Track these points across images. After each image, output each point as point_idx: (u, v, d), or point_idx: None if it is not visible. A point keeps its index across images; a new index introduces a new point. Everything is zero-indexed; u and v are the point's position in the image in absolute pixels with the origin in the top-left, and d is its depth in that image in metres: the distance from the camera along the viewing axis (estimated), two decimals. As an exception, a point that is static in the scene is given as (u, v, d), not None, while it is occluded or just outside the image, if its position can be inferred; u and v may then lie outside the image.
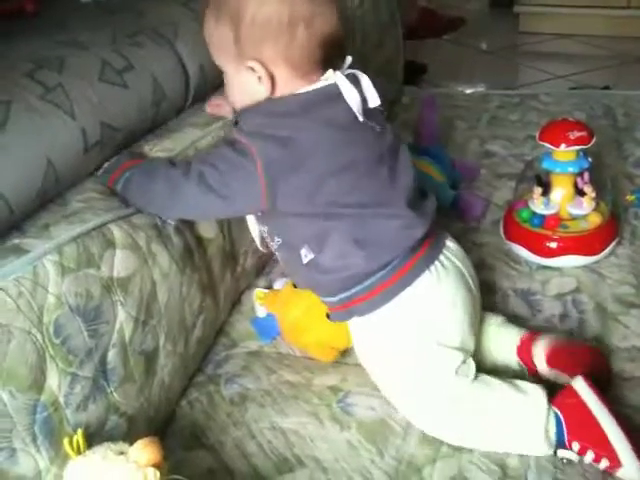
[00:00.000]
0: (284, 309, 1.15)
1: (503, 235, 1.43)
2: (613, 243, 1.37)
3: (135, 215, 0.96)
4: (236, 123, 0.99)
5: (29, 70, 0.94)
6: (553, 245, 1.35)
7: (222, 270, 1.20)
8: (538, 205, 1.37)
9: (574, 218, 1.36)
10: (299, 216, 0.96)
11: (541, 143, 1.35)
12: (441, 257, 1.00)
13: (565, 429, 0.91)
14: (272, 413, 1.04)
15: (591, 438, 0.90)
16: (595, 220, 1.35)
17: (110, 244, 0.89)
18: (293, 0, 0.91)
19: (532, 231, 1.36)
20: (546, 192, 1.38)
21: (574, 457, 0.92)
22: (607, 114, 1.95)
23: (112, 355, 0.88)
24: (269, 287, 1.29)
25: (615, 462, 0.88)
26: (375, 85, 0.96)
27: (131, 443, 0.79)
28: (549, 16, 2.90)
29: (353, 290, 0.97)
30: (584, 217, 1.36)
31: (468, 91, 2.31)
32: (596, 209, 1.36)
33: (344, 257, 0.95)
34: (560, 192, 1.37)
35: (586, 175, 1.35)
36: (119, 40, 1.10)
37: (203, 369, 1.15)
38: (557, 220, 1.35)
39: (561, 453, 0.93)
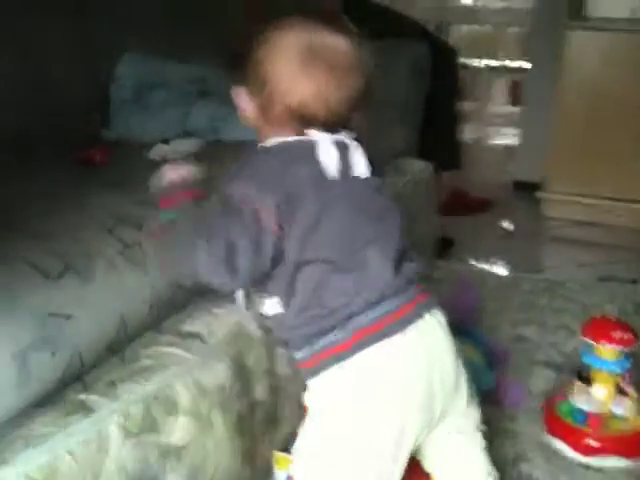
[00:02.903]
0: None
1: (544, 427, 1.40)
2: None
3: (205, 373, 0.94)
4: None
5: (110, 226, 0.97)
6: (594, 443, 1.32)
7: (263, 436, 1.17)
8: (579, 400, 1.36)
9: (615, 417, 1.34)
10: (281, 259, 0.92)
11: (583, 338, 1.36)
12: (414, 328, 0.91)
13: None
14: None
15: None
16: (638, 424, 1.32)
17: (174, 409, 0.87)
18: (274, 57, 0.93)
19: (573, 427, 1.34)
20: (587, 387, 1.36)
21: None
22: (638, 311, 1.96)
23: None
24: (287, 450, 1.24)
25: None
26: (372, 160, 0.97)
27: None
28: (571, 204, 3.00)
29: (317, 345, 0.91)
30: (625, 418, 1.34)
31: (498, 273, 2.35)
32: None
33: (306, 311, 0.91)
34: (602, 389, 1.35)
35: (628, 376, 1.35)
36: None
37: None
38: (600, 418, 1.32)
39: None
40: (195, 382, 0.92)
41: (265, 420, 1.15)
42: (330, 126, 0.95)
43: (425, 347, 0.92)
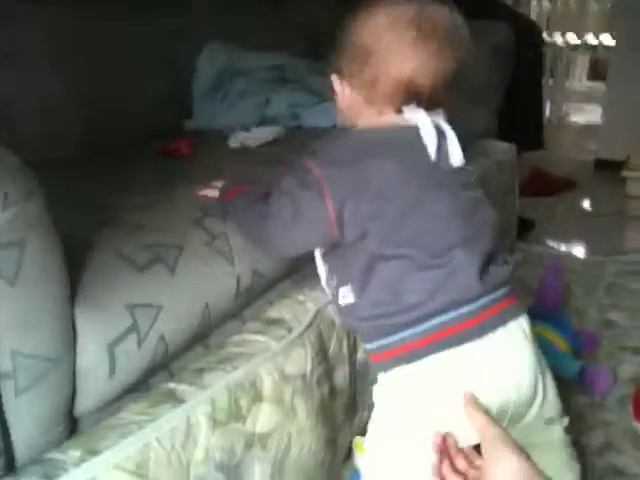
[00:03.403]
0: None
1: (633, 415, 1.36)
2: None
3: (288, 360, 0.95)
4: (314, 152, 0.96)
5: (197, 218, 0.99)
6: (688, 433, 1.27)
7: (343, 422, 1.17)
8: (672, 387, 1.31)
9: None
10: (354, 247, 0.90)
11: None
12: (493, 337, 0.86)
13: None
14: None
15: None
16: None
17: (259, 397, 0.88)
18: (382, 33, 0.91)
19: (667, 415, 1.29)
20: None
21: None
22: None
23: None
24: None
25: None
26: (464, 147, 0.94)
27: None
28: (656, 182, 2.89)
29: (387, 340, 0.89)
30: None
31: (581, 256, 2.28)
32: None
33: (380, 305, 0.88)
34: (696, 377, 1.30)
35: None
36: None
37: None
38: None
39: None
40: (278, 369, 0.92)
41: (345, 405, 1.15)
42: (432, 103, 0.93)
43: (502, 359, 0.87)
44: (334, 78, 0.98)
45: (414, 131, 0.90)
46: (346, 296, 0.93)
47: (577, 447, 1.17)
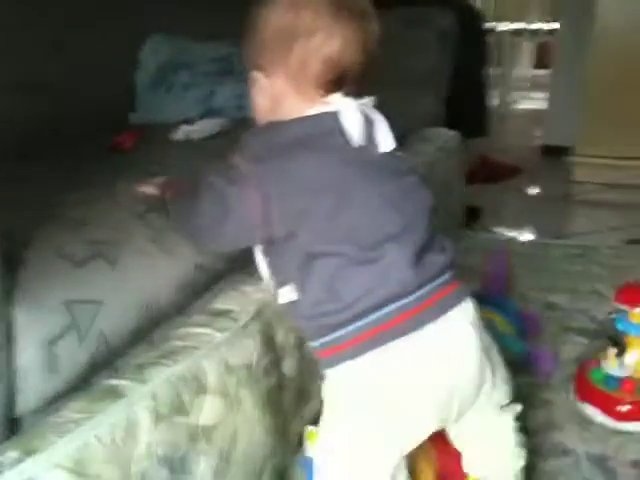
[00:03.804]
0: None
1: (575, 394, 1.40)
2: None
3: (232, 351, 0.95)
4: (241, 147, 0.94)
5: (140, 212, 0.98)
6: (628, 409, 1.31)
7: (293, 411, 1.18)
8: (612, 366, 1.35)
9: (649, 382, 1.33)
10: (288, 246, 0.90)
11: (616, 304, 1.35)
12: (434, 327, 0.87)
13: None
14: None
15: None
16: (672, 386, 1.31)
17: (202, 389, 0.89)
18: (299, 12, 0.88)
19: (607, 393, 1.33)
20: (620, 354, 1.36)
21: None
22: (671, 273, 1.94)
23: (191, 506, 0.86)
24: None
25: None
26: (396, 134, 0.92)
27: None
28: (602, 167, 2.96)
29: (329, 337, 0.89)
30: (659, 382, 1.33)
31: (527, 239, 2.33)
32: (673, 375, 1.33)
33: (319, 305, 0.88)
34: (635, 355, 1.34)
35: (662, 340, 1.34)
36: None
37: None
38: (634, 383, 1.32)
39: None
40: (222, 360, 0.93)
41: (296, 396, 1.16)
42: (360, 87, 0.91)
43: (445, 347, 0.88)
44: (255, 73, 0.94)
45: (338, 120, 0.88)
46: (286, 295, 0.92)
47: (522, 428, 1.21)
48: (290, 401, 1.15)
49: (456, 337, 0.89)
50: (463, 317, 0.91)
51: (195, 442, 0.87)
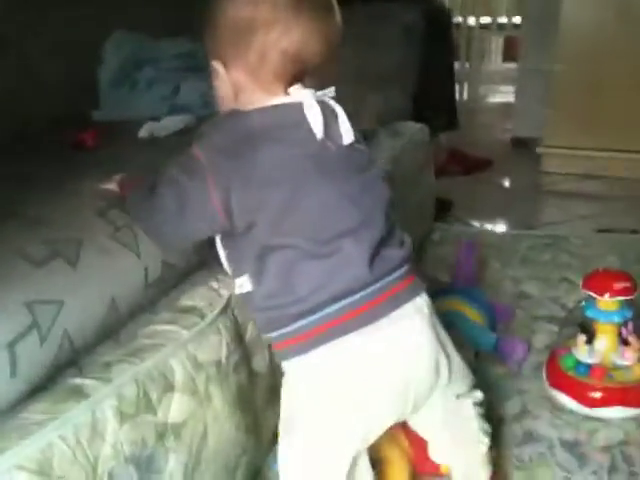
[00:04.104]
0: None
1: (546, 382, 1.41)
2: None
3: (200, 348, 0.94)
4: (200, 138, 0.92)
5: (101, 209, 0.97)
6: (598, 395, 1.32)
7: (266, 407, 1.17)
8: (582, 353, 1.36)
9: (618, 368, 1.34)
10: (245, 237, 0.89)
11: (584, 291, 1.36)
12: (387, 321, 0.87)
13: None
14: None
15: None
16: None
17: (170, 387, 0.87)
18: (257, 5, 0.87)
19: (577, 380, 1.34)
20: (590, 340, 1.37)
21: None
22: (639, 260, 1.96)
23: (161, 504, 0.85)
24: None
25: None
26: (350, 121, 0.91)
27: None
28: (570, 157, 2.99)
29: (283, 331, 0.89)
30: (629, 368, 1.34)
31: (498, 231, 2.34)
32: (641, 360, 1.34)
33: (273, 297, 0.88)
34: (604, 341, 1.36)
35: (630, 325, 1.35)
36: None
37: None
38: (603, 370, 1.33)
39: None
40: (190, 357, 0.92)
41: (267, 391, 1.15)
42: (321, 79, 0.91)
43: (398, 341, 0.88)
44: (215, 64, 0.92)
45: (301, 111, 0.87)
46: (243, 285, 0.92)
47: (495, 415, 1.21)
48: (262, 398, 1.14)
49: (409, 332, 0.90)
50: (417, 312, 0.91)
51: (163, 440, 0.85)
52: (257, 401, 1.13)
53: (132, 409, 0.81)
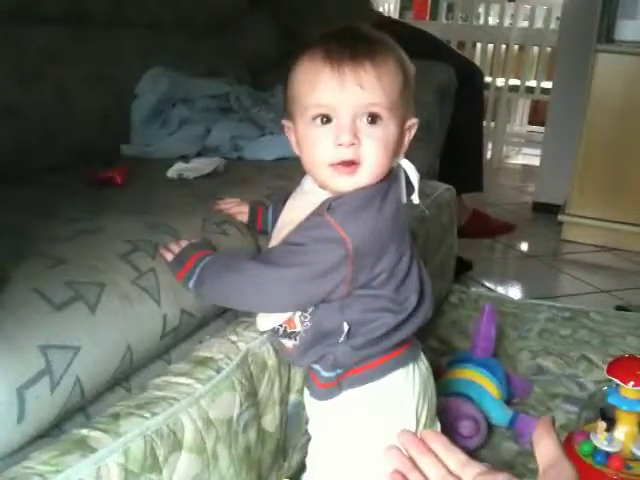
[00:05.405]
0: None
1: (562, 466, 1.35)
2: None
3: (213, 405, 0.91)
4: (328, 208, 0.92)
5: (125, 252, 0.94)
6: (615, 486, 1.27)
7: (271, 468, 1.13)
8: (601, 440, 1.31)
9: (638, 459, 1.29)
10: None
11: (609, 377, 1.31)
12: (417, 362, 1.01)
13: None
14: None
15: None
16: (662, 466, 1.27)
17: (178, 445, 0.84)
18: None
19: (594, 468, 1.29)
20: (609, 427, 1.32)
21: None
22: (660, 342, 1.91)
23: None
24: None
25: None
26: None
27: None
28: (592, 228, 2.96)
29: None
30: (649, 460, 1.29)
31: (516, 298, 2.30)
32: (662, 454, 1.29)
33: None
34: (625, 430, 1.31)
35: (652, 416, 1.30)
36: (207, 228, 1.11)
37: None
38: (622, 460, 1.27)
39: None
40: (201, 414, 0.88)
41: (274, 451, 1.11)
42: None
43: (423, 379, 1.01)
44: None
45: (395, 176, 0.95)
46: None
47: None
48: (268, 457, 1.10)
49: (429, 373, 1.04)
50: (425, 362, 1.04)
51: (167, 501, 0.81)
52: (264, 462, 1.08)
53: (137, 467, 0.78)
